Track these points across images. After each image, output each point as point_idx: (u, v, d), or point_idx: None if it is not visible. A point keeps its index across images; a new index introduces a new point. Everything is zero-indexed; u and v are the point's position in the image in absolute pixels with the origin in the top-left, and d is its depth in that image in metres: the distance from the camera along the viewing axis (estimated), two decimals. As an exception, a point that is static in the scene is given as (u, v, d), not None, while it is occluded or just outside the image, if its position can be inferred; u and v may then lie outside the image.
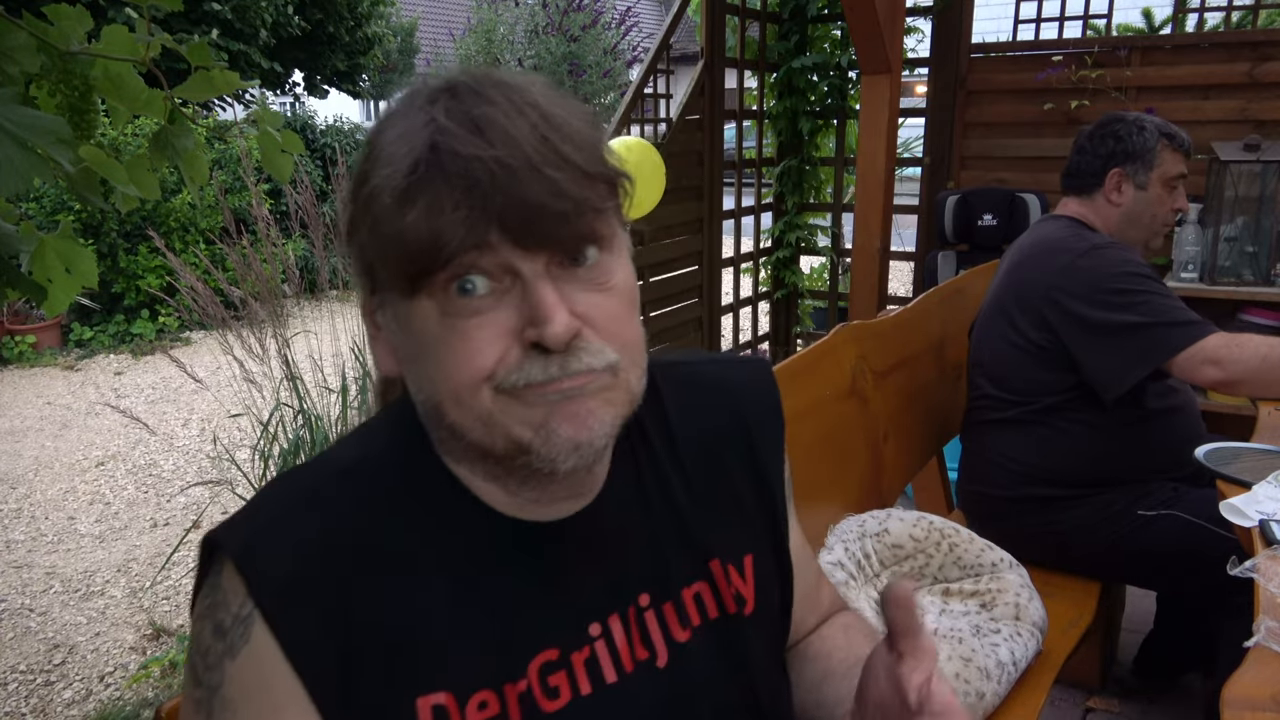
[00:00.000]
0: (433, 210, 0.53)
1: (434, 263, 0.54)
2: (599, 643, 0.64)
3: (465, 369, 0.55)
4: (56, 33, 0.98)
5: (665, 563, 0.68)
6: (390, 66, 13.46)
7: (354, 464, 0.62)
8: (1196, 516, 1.65)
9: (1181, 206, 1.85)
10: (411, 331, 0.57)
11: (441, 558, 0.61)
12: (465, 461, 0.62)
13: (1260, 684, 0.91)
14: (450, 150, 0.53)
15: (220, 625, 0.57)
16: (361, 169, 0.57)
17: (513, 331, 0.55)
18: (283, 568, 0.56)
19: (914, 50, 4.00)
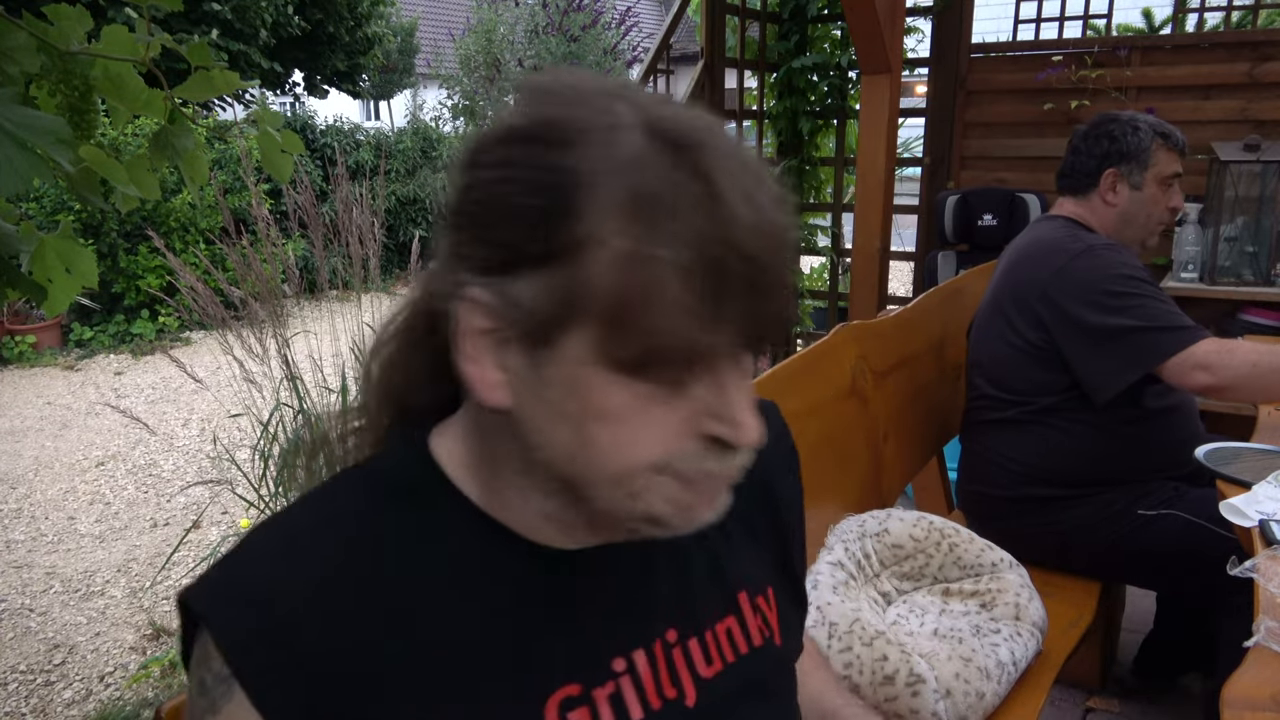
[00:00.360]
0: (715, 308, 0.49)
1: (681, 358, 0.51)
2: (624, 678, 0.61)
3: (642, 455, 0.53)
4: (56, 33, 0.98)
5: (693, 597, 0.67)
6: (390, 66, 13.46)
7: (361, 514, 0.59)
8: (1196, 516, 1.65)
9: (1177, 205, 1.85)
10: (584, 398, 0.52)
11: (462, 596, 0.58)
12: (520, 496, 0.59)
13: (1260, 684, 0.91)
14: (745, 250, 0.49)
15: (203, 683, 0.55)
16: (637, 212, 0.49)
17: (693, 420, 0.53)
18: (257, 631, 0.53)
19: (914, 50, 4.01)
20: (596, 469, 0.54)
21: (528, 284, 0.51)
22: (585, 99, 0.53)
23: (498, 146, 0.53)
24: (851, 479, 1.75)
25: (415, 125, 9.57)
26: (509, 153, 0.52)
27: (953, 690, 1.31)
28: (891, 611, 1.50)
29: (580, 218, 0.49)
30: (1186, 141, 1.86)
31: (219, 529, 3.50)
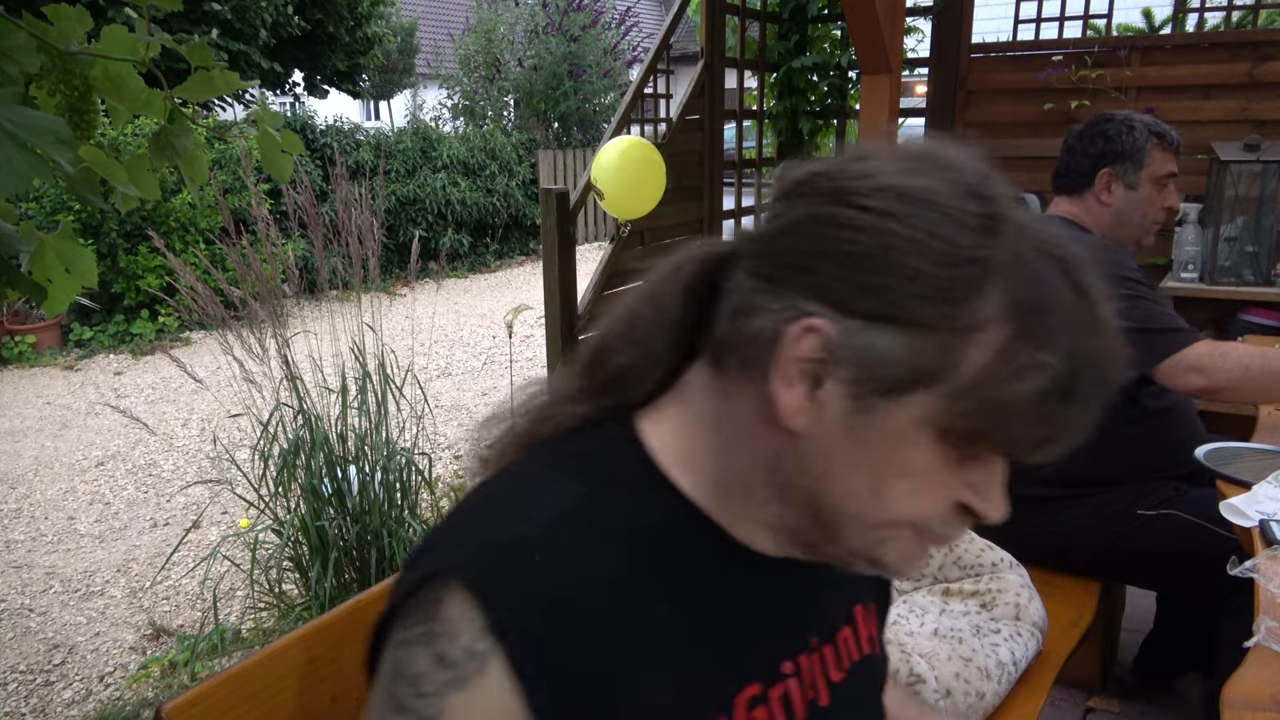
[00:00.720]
0: (1065, 419, 0.54)
1: (1006, 448, 0.55)
2: (791, 680, 0.65)
3: (914, 512, 0.57)
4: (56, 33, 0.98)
5: (829, 605, 0.71)
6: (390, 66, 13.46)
7: (581, 496, 0.59)
8: (1196, 516, 1.65)
9: (1172, 205, 1.85)
10: (897, 456, 0.55)
11: (670, 588, 0.60)
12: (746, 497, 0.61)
13: (1260, 684, 0.91)
14: (1105, 371, 0.54)
15: (444, 656, 0.53)
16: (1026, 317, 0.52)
17: (960, 489, 0.57)
18: (536, 605, 0.54)
19: (914, 50, 4.01)
20: (867, 514, 0.57)
21: (896, 340, 0.53)
22: (968, 173, 0.55)
23: (892, 199, 0.54)
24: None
25: (415, 125, 9.57)
26: (909, 212, 0.53)
27: (953, 690, 1.31)
28: (891, 611, 1.50)
29: (978, 303, 0.52)
30: (1182, 141, 1.86)
31: (219, 529, 3.50)
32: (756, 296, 0.57)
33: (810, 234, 0.56)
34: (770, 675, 0.63)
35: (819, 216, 0.55)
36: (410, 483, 2.71)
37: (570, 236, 2.93)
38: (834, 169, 0.57)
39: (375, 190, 2.73)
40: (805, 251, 0.55)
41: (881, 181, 0.54)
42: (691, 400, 0.63)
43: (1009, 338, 0.52)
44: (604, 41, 11.48)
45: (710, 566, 0.62)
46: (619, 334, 0.65)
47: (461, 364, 5.94)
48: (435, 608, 0.54)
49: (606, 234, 9.94)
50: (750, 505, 0.61)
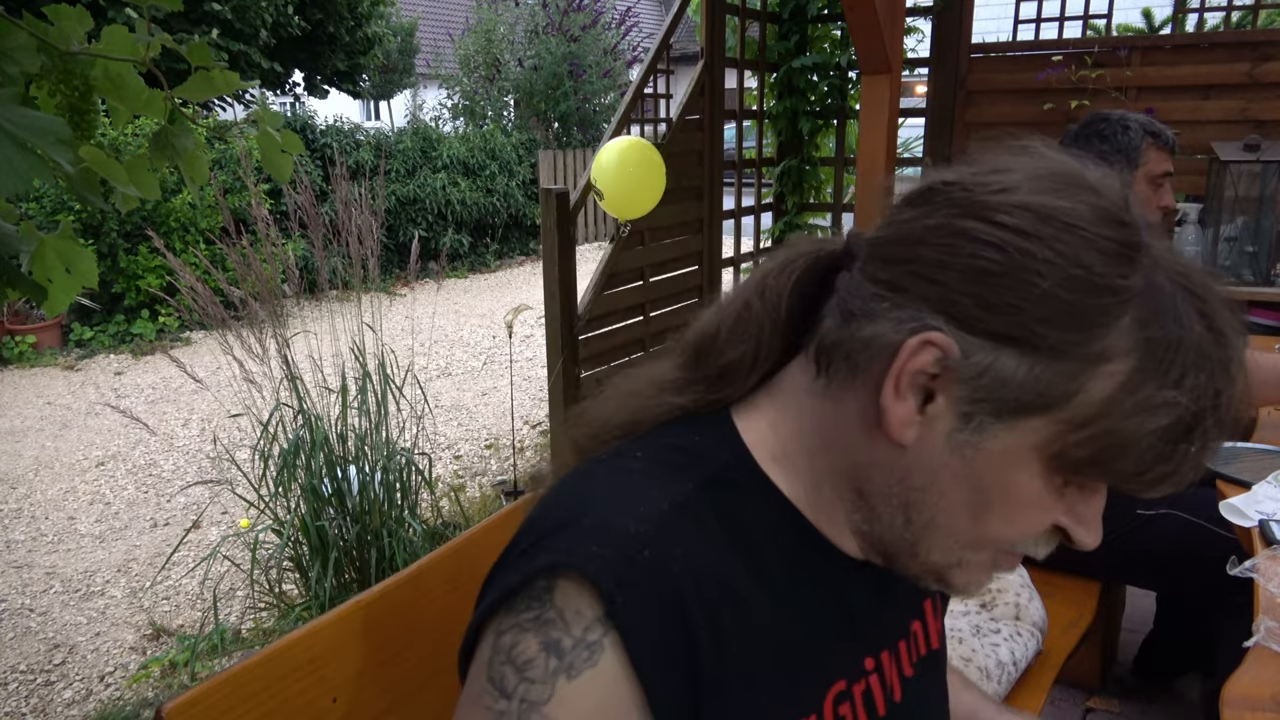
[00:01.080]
0: (1185, 456, 0.52)
1: (1116, 480, 0.54)
2: (873, 676, 0.66)
3: (1011, 534, 0.57)
4: (56, 33, 0.98)
5: (901, 602, 0.71)
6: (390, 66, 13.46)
7: (686, 493, 0.59)
8: (1196, 516, 1.65)
9: (1168, 204, 1.85)
10: (1006, 480, 0.55)
11: (768, 584, 0.60)
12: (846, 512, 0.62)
13: (1260, 684, 0.91)
14: (1231, 411, 0.53)
15: (557, 643, 0.53)
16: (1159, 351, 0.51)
17: (1055, 514, 0.57)
18: (652, 600, 0.54)
19: (914, 50, 4.01)
20: (960, 532, 0.57)
21: (1021, 363, 0.52)
22: (1110, 196, 0.54)
23: (1031, 217, 0.52)
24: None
25: (415, 125, 9.57)
26: (1048, 233, 0.52)
27: (953, 690, 1.31)
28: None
29: (1111, 332, 0.51)
30: (1177, 140, 1.86)
31: (219, 529, 3.50)
32: (875, 303, 0.56)
33: (941, 244, 0.54)
34: (855, 672, 0.64)
35: (953, 228, 0.54)
36: (410, 483, 2.71)
37: (570, 236, 2.93)
38: (970, 180, 0.55)
39: (375, 190, 2.73)
40: (934, 263, 0.54)
41: (1020, 199, 0.53)
42: (789, 399, 0.63)
43: (1136, 370, 0.51)
44: (604, 41, 11.48)
45: (807, 566, 0.62)
46: (728, 328, 0.64)
47: (461, 364, 5.94)
48: (549, 594, 0.54)
49: (606, 234, 9.94)
50: (841, 509, 0.62)
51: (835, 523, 0.62)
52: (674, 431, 0.64)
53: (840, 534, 0.63)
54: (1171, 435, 0.51)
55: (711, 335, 0.65)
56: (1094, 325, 0.51)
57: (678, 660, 0.54)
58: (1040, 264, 0.51)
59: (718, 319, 0.65)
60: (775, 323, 0.63)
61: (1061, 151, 0.57)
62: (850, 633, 0.65)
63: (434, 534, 2.83)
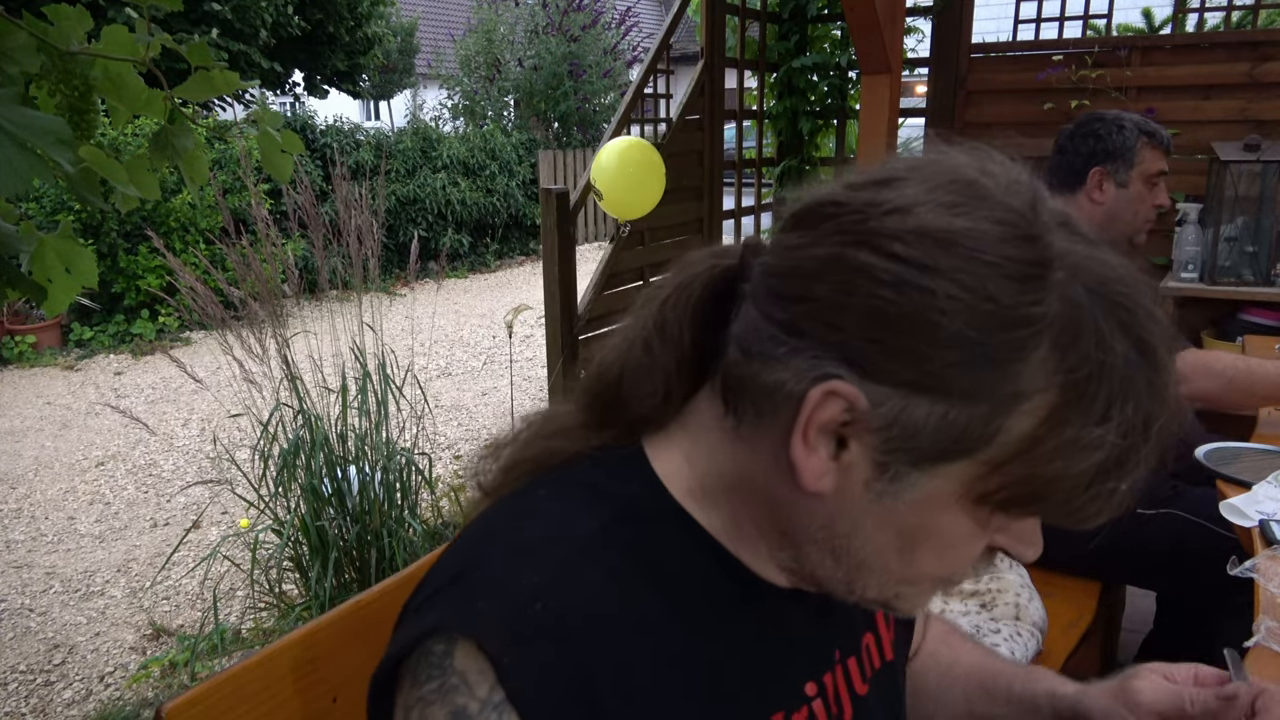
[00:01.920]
0: (1116, 484, 0.49)
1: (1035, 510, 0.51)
2: (816, 702, 0.62)
3: (944, 571, 0.55)
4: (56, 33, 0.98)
5: (849, 618, 0.68)
6: (390, 66, 13.46)
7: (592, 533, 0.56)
8: (1195, 515, 1.65)
9: (1163, 203, 1.86)
10: (924, 516, 0.52)
11: (690, 622, 0.57)
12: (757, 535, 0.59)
13: (1260, 684, 0.91)
14: (1166, 434, 0.49)
15: (462, 710, 0.50)
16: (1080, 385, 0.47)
17: (988, 540, 0.55)
18: (547, 653, 0.51)
19: (914, 50, 4.01)
20: (892, 571, 0.55)
21: (933, 410, 0.48)
22: (1011, 206, 0.49)
23: (927, 246, 0.47)
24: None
25: (415, 125, 9.57)
26: (948, 264, 0.47)
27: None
28: (891, 611, 1.50)
29: (1027, 367, 0.46)
30: (1172, 140, 1.87)
31: (219, 529, 3.50)
32: (773, 346, 0.52)
33: (835, 282, 0.49)
34: (794, 700, 0.61)
35: (845, 263, 0.49)
36: (410, 483, 2.71)
37: (570, 236, 2.94)
38: (860, 200, 0.50)
39: (375, 190, 2.73)
40: (830, 304, 0.49)
41: (915, 222, 0.48)
42: (701, 433, 0.59)
43: (1058, 407, 0.47)
44: (604, 41, 11.48)
45: (729, 599, 0.59)
46: (632, 374, 0.60)
47: (461, 364, 5.94)
48: (449, 659, 0.52)
49: (606, 234, 9.94)
50: (764, 544, 0.59)
51: (760, 556, 0.59)
52: (582, 469, 0.61)
53: (765, 567, 0.60)
54: (1101, 472, 0.48)
55: (614, 383, 0.61)
56: (1007, 363, 0.46)
57: (584, 713, 0.51)
58: (943, 301, 0.46)
59: (619, 364, 0.61)
60: (681, 360, 0.59)
61: (960, 148, 0.53)
62: (788, 660, 0.61)
63: (434, 534, 2.83)
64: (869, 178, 0.52)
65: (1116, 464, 0.48)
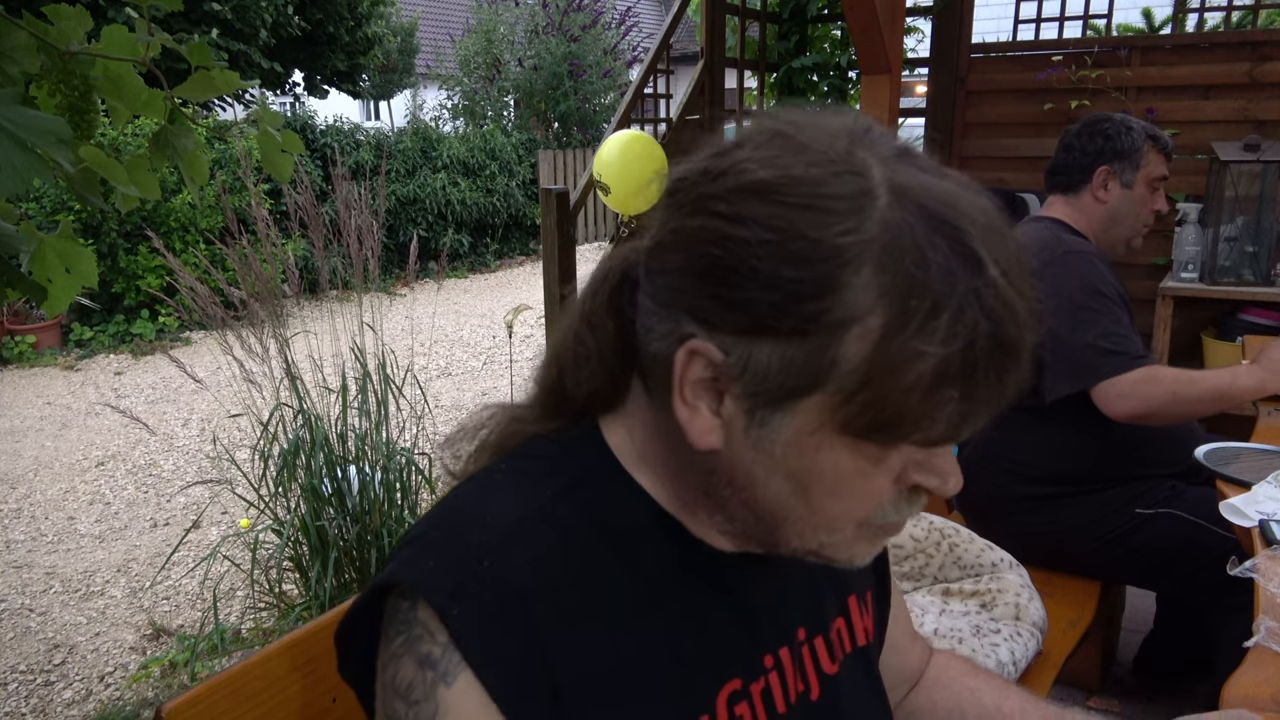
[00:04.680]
0: (970, 397, 0.50)
1: (920, 434, 0.51)
2: (772, 674, 0.64)
3: (853, 512, 0.56)
4: (56, 33, 0.98)
5: (819, 597, 0.70)
6: (390, 66, 13.46)
7: (545, 499, 0.60)
8: (1195, 515, 1.66)
9: (1161, 208, 1.88)
10: (806, 457, 0.53)
11: (642, 587, 0.60)
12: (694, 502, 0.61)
13: (1260, 684, 0.91)
14: (1011, 341, 0.49)
15: (428, 656, 0.54)
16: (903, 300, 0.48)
17: (901, 472, 0.55)
18: (483, 615, 0.54)
19: (914, 50, 4.01)
20: (805, 518, 0.56)
21: (772, 351, 0.50)
22: (827, 152, 0.51)
23: (736, 197, 0.51)
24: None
25: (415, 125, 9.57)
26: (753, 209, 0.50)
27: (953, 690, 1.31)
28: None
29: (838, 297, 0.48)
30: (1174, 146, 1.89)
31: (219, 529, 3.50)
32: (652, 319, 0.56)
33: (678, 249, 0.54)
34: (753, 670, 0.63)
35: (682, 230, 0.54)
36: (410, 483, 2.71)
37: (570, 236, 2.94)
38: (696, 172, 0.54)
39: (375, 190, 2.73)
40: (679, 270, 0.54)
41: (735, 181, 0.51)
42: (636, 408, 0.63)
43: (886, 325, 0.48)
44: (604, 41, 11.48)
45: (682, 564, 0.61)
46: (571, 368, 0.64)
47: (461, 364, 5.94)
48: (413, 613, 0.55)
49: (606, 234, 9.94)
50: (702, 513, 0.61)
51: (703, 523, 0.62)
52: (540, 446, 0.64)
53: (708, 533, 0.62)
54: (946, 382, 0.48)
55: (558, 374, 0.65)
56: (826, 293, 0.48)
57: (530, 668, 0.54)
58: (758, 247, 0.49)
59: (559, 357, 0.65)
60: (614, 349, 0.62)
61: (789, 110, 0.55)
62: (746, 630, 0.64)
63: (434, 534, 2.82)
64: (711, 150, 0.55)
65: (962, 373, 0.48)
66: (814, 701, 0.67)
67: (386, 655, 0.56)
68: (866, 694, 0.73)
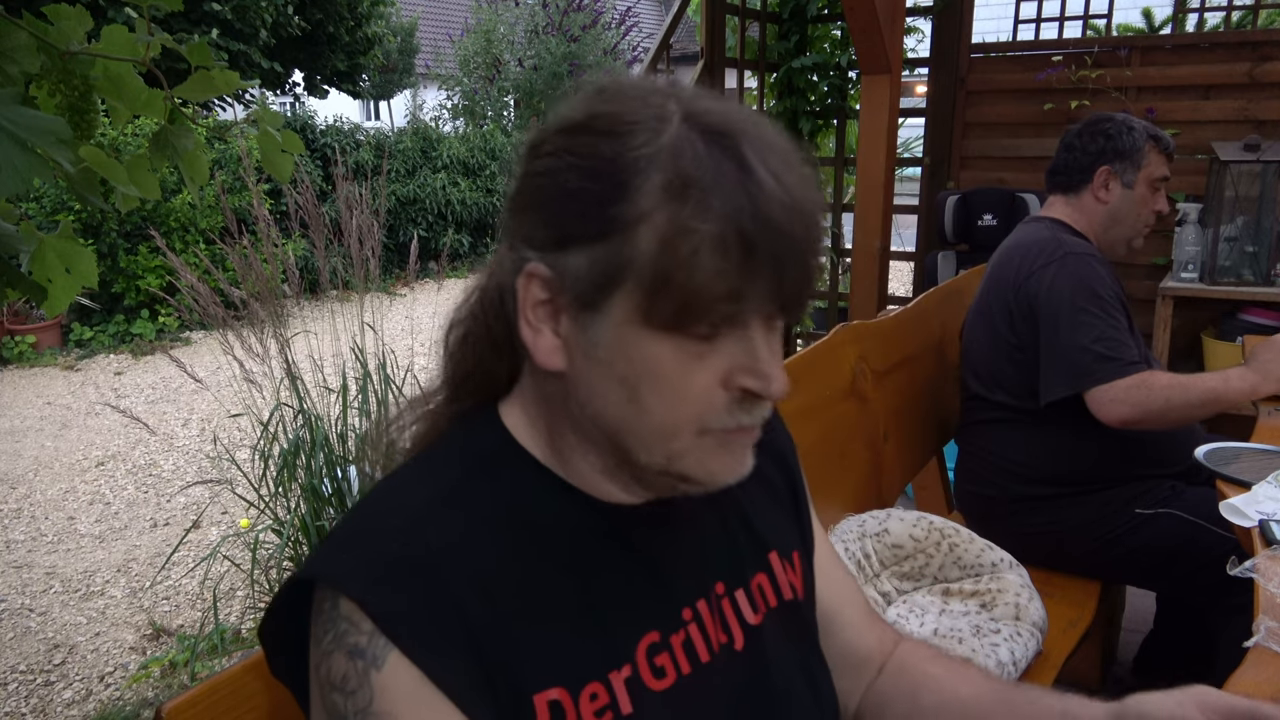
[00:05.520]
0: (743, 275, 0.56)
1: (711, 315, 0.57)
2: (691, 626, 0.68)
3: (682, 411, 0.59)
4: (56, 33, 0.98)
5: (736, 553, 0.74)
6: (390, 66, 13.46)
7: (452, 482, 0.64)
8: (1195, 515, 1.66)
9: (1162, 208, 1.87)
10: (630, 358, 0.58)
11: (549, 551, 0.64)
12: (578, 453, 0.65)
13: (1260, 684, 0.91)
14: (773, 224, 0.55)
15: (356, 646, 0.57)
16: (680, 192, 0.55)
17: (727, 376, 0.59)
18: (400, 593, 0.58)
19: (914, 50, 4.01)
20: (640, 428, 0.60)
21: (581, 257, 0.58)
22: (635, 96, 0.59)
23: (556, 137, 0.60)
24: (851, 479, 1.75)
25: (415, 125, 9.57)
26: (567, 142, 0.59)
27: None
28: (891, 611, 1.50)
29: (630, 199, 0.56)
30: (1175, 146, 1.88)
31: (219, 529, 3.50)
32: (501, 262, 0.66)
33: (517, 194, 0.63)
34: (671, 623, 0.67)
35: (520, 177, 0.63)
36: (410, 483, 2.71)
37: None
38: (539, 127, 0.63)
39: (376, 190, 2.73)
40: (516, 210, 0.62)
41: (557, 125, 0.60)
42: (526, 383, 0.68)
43: (668, 218, 0.55)
44: (604, 41, 11.48)
45: (588, 529, 0.65)
46: (459, 350, 0.71)
47: (461, 364, 5.93)
48: (335, 610, 0.58)
49: (606, 234, 9.93)
50: (579, 457, 0.65)
51: (592, 479, 0.66)
52: (450, 434, 0.70)
53: (599, 487, 0.66)
54: (726, 258, 0.55)
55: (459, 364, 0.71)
56: (621, 198, 0.56)
57: (449, 637, 0.57)
58: (568, 171, 0.58)
59: (458, 348, 0.71)
60: (504, 332, 0.67)
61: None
62: (660, 586, 0.67)
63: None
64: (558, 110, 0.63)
65: (733, 254, 0.55)
66: (739, 651, 0.71)
67: (318, 654, 0.59)
68: (797, 644, 0.76)
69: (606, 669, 0.62)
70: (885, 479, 1.87)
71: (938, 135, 3.89)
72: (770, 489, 0.80)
